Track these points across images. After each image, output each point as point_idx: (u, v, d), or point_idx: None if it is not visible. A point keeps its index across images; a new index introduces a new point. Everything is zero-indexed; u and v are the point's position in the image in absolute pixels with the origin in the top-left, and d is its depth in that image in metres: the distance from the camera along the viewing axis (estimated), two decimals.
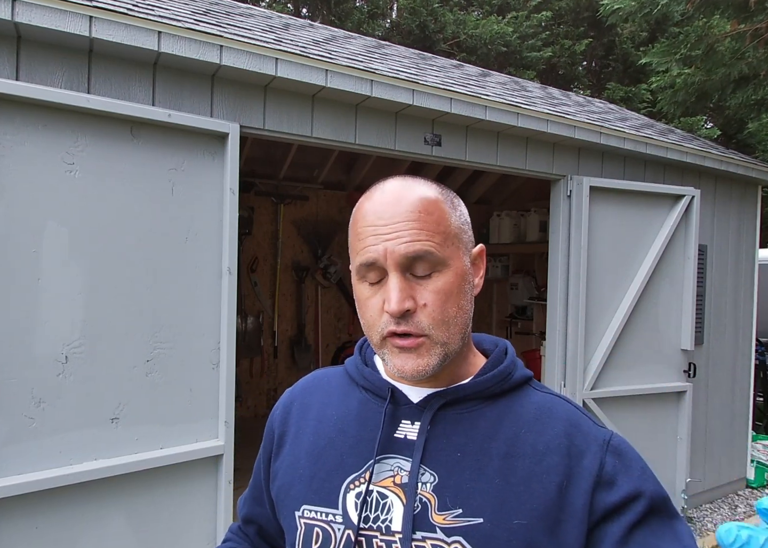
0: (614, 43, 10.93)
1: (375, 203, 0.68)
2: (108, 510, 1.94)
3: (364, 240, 0.67)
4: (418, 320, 0.65)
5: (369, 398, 0.75)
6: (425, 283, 0.66)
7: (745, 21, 5.08)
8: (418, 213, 0.66)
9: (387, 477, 0.69)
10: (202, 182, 2.12)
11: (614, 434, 0.70)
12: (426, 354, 0.66)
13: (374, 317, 0.68)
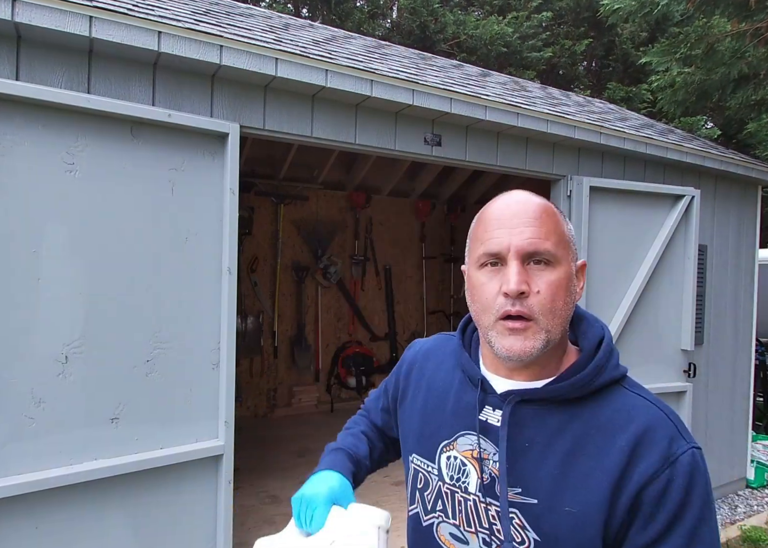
0: (614, 43, 10.93)
1: (503, 204, 0.81)
2: (108, 510, 1.94)
3: (491, 232, 0.79)
4: (531, 304, 0.75)
5: (465, 380, 0.89)
6: (540, 274, 0.76)
7: (745, 20, 5.08)
8: (540, 215, 0.78)
9: (468, 450, 0.84)
10: (202, 182, 2.12)
11: (694, 453, 0.75)
12: (532, 338, 0.75)
13: (489, 300, 0.77)
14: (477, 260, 0.80)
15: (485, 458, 0.81)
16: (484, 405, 0.84)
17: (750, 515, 4.04)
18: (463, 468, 0.84)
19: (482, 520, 0.81)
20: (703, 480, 0.73)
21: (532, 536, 0.75)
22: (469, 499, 0.82)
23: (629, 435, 0.74)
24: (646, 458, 0.72)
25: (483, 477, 0.81)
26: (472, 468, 0.83)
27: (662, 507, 0.70)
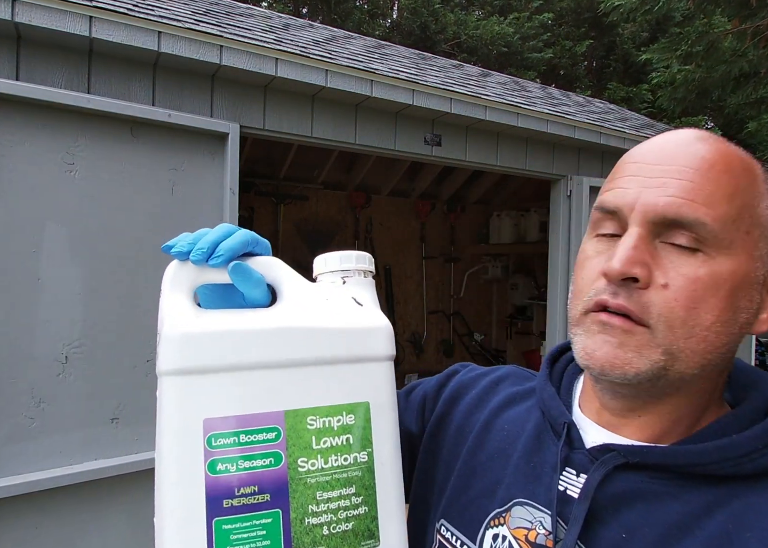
0: (615, 43, 10.94)
1: (657, 141, 0.49)
2: (108, 510, 1.94)
3: (618, 180, 0.49)
4: (647, 300, 0.45)
5: (544, 425, 0.57)
6: (681, 261, 0.45)
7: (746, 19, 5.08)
8: (710, 165, 0.45)
9: (522, 527, 0.52)
10: (202, 182, 2.12)
11: None
12: (634, 349, 0.45)
13: (586, 281, 0.49)
14: (592, 222, 0.52)
15: (548, 545, 0.49)
16: (565, 465, 0.52)
17: None
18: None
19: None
20: None
21: None
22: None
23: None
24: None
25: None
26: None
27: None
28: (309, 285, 0.54)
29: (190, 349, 0.47)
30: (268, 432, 0.48)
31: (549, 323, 3.33)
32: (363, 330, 0.52)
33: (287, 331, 0.50)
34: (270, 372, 0.49)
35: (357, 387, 0.51)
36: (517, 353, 5.61)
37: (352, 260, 0.56)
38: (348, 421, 0.50)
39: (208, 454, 0.46)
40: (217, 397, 0.47)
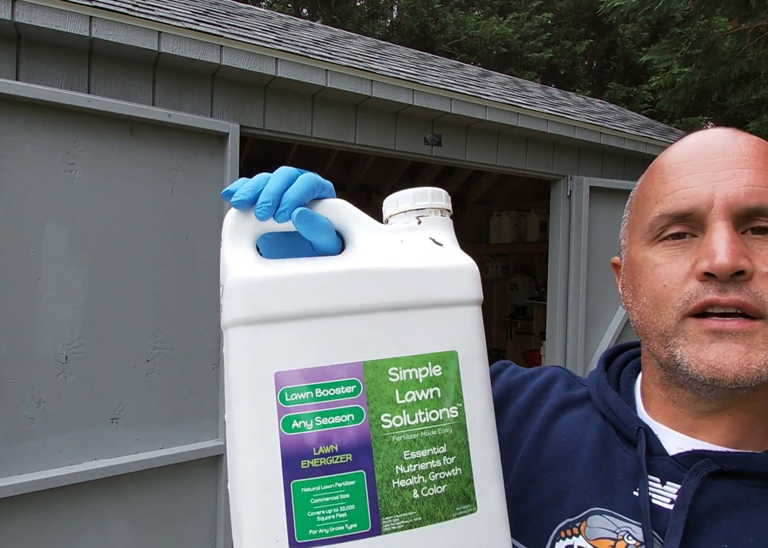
0: (615, 43, 10.94)
1: (696, 142, 0.48)
2: (108, 510, 1.94)
3: (676, 181, 0.47)
4: (758, 291, 0.43)
5: (610, 431, 0.54)
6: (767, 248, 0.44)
7: (745, 19, 5.08)
8: (764, 154, 0.46)
9: (605, 538, 0.48)
10: (202, 182, 2.12)
11: None
12: (763, 348, 0.42)
13: (670, 288, 0.46)
14: (648, 231, 0.49)
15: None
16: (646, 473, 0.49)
17: None
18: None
19: None
20: None
21: None
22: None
23: None
24: None
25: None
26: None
27: None
28: (380, 228, 0.48)
29: (257, 297, 0.42)
30: (347, 385, 0.43)
31: (549, 323, 3.33)
32: (446, 270, 0.47)
33: (362, 274, 0.44)
34: (345, 320, 0.44)
35: (443, 335, 0.45)
36: (516, 353, 5.61)
37: (427, 197, 0.49)
38: (435, 372, 0.45)
39: (282, 410, 0.41)
40: (288, 348, 0.43)
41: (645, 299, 0.48)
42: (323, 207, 0.47)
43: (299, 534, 0.40)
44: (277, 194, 0.43)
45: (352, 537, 0.40)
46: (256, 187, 0.43)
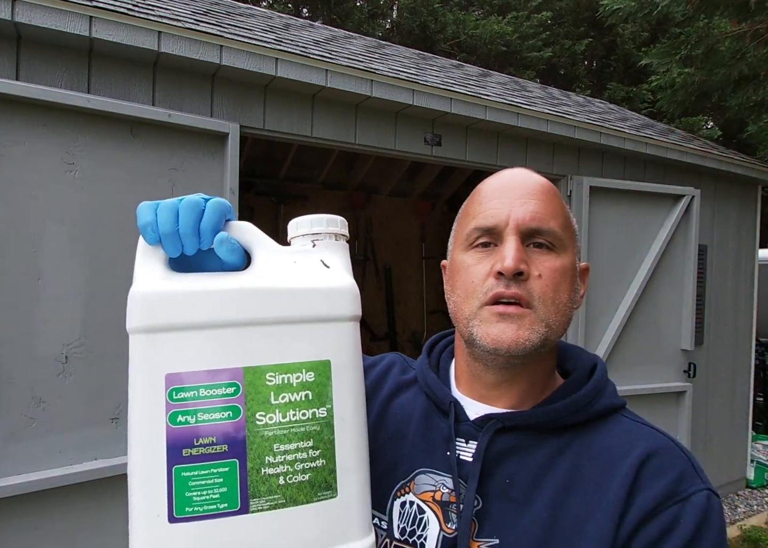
0: (615, 43, 10.94)
1: (504, 177, 0.66)
2: (108, 510, 1.94)
3: (486, 204, 0.63)
4: (530, 287, 0.60)
5: (430, 406, 0.70)
6: (544, 258, 0.61)
7: (745, 21, 5.08)
8: (546, 192, 0.64)
9: (427, 491, 0.64)
10: (202, 182, 2.12)
11: (711, 496, 0.57)
12: (528, 328, 0.59)
13: (476, 283, 0.62)
14: (465, 240, 0.64)
15: (452, 501, 0.62)
16: (456, 436, 0.65)
17: (750, 515, 4.04)
18: (420, 517, 0.63)
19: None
20: (720, 529, 0.55)
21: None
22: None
23: (632, 459, 0.58)
24: (650, 488, 0.56)
25: (447, 528, 0.61)
26: (432, 515, 0.63)
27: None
28: (279, 249, 0.56)
29: (154, 308, 0.49)
30: (228, 387, 0.49)
31: None
32: (325, 290, 0.54)
33: (249, 291, 0.51)
34: (230, 330, 0.50)
35: (318, 346, 0.53)
36: None
37: (323, 223, 0.56)
38: (308, 378, 0.52)
39: (170, 407, 0.48)
40: (179, 353, 0.49)
41: (459, 291, 0.64)
42: (233, 230, 0.55)
43: (177, 511, 0.47)
44: (194, 230, 0.51)
45: (223, 515, 0.48)
46: (167, 223, 0.51)
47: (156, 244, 0.52)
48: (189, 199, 0.52)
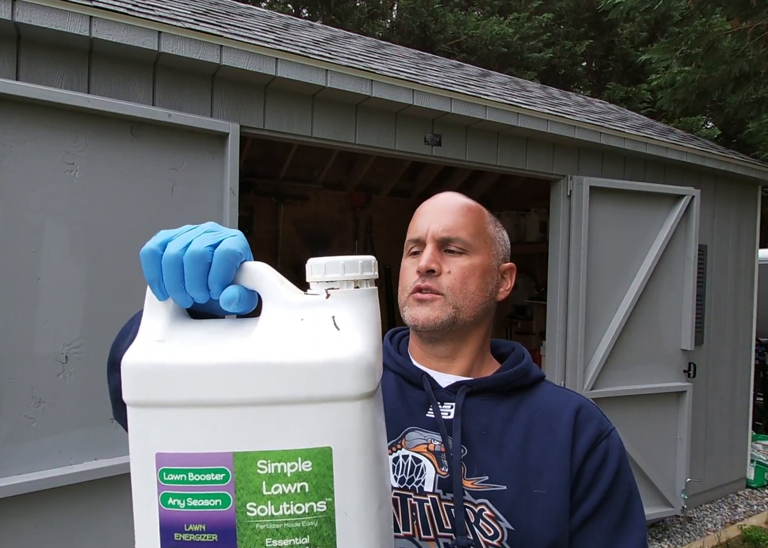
0: (614, 43, 10.93)
1: (433, 200, 0.87)
2: (108, 510, 1.94)
3: (415, 222, 0.85)
4: (440, 281, 0.80)
5: (401, 380, 0.85)
6: (455, 259, 0.81)
7: (745, 19, 5.08)
8: (460, 209, 0.84)
9: (421, 444, 0.78)
10: (202, 182, 2.12)
11: (617, 432, 0.82)
12: (438, 309, 0.79)
13: (407, 278, 0.83)
14: (405, 249, 0.86)
15: (443, 451, 0.77)
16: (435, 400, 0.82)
17: (750, 515, 4.04)
18: (417, 466, 0.77)
19: (443, 522, 0.74)
20: (626, 455, 0.81)
21: (505, 525, 0.72)
22: (426, 500, 0.75)
23: (569, 411, 0.80)
24: (585, 430, 0.79)
25: (442, 471, 0.75)
26: (428, 463, 0.77)
27: (602, 475, 0.76)
28: (290, 300, 0.48)
29: (143, 382, 0.46)
30: (216, 473, 0.45)
31: (549, 323, 3.33)
32: (324, 365, 0.46)
33: (240, 367, 0.46)
34: (222, 411, 0.46)
35: (317, 431, 0.46)
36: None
37: (338, 268, 0.49)
38: (304, 468, 0.46)
39: (161, 487, 0.45)
40: (168, 432, 0.46)
41: (401, 286, 0.85)
42: (245, 274, 0.48)
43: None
44: (200, 288, 0.47)
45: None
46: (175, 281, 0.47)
47: (165, 299, 0.48)
48: (193, 250, 0.47)
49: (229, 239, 0.48)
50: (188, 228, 0.50)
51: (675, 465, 3.59)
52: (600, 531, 0.75)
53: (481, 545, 0.72)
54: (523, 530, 0.72)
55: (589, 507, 0.75)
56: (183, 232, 0.49)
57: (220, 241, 0.47)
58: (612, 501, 0.76)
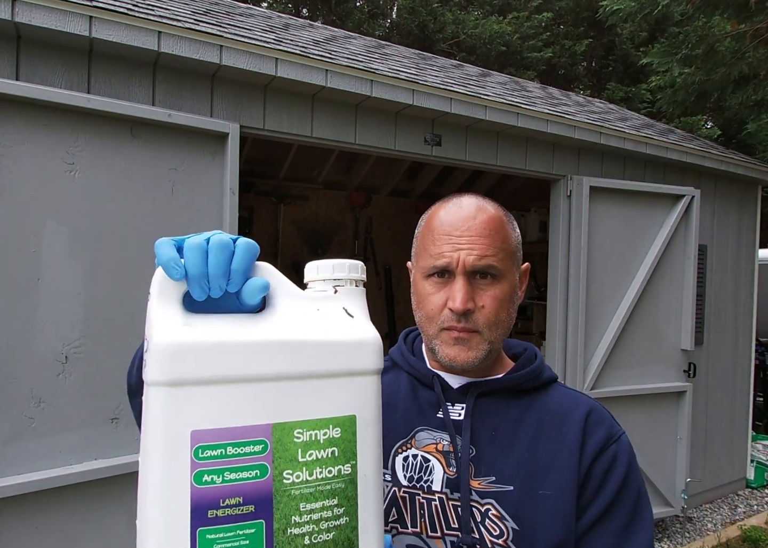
0: (614, 43, 10.94)
1: (452, 214, 0.80)
2: (108, 510, 1.94)
3: (440, 246, 0.79)
4: (476, 319, 0.77)
5: (414, 381, 0.87)
6: (486, 289, 0.78)
7: (745, 21, 5.08)
8: (489, 230, 0.78)
9: (430, 444, 0.79)
10: (202, 182, 2.12)
11: (626, 436, 0.82)
12: (476, 348, 0.78)
13: (435, 311, 0.79)
14: (424, 270, 0.80)
15: (451, 450, 0.78)
16: (444, 401, 0.83)
17: (750, 515, 4.04)
18: (426, 465, 0.78)
19: (450, 520, 0.75)
20: (635, 459, 0.80)
21: (511, 525, 0.73)
22: (434, 499, 0.76)
23: (579, 413, 0.80)
24: (595, 433, 0.78)
25: (450, 471, 0.76)
26: (436, 462, 0.78)
27: (611, 479, 0.76)
28: (300, 294, 0.54)
29: (180, 361, 0.46)
30: (255, 444, 0.48)
31: (549, 323, 3.33)
32: (351, 343, 0.53)
33: (276, 344, 0.50)
34: (258, 385, 0.49)
35: (344, 401, 0.52)
36: None
37: (345, 269, 0.56)
38: (334, 434, 0.51)
39: (195, 465, 0.46)
40: (205, 409, 0.47)
41: (422, 312, 0.81)
42: (258, 272, 0.53)
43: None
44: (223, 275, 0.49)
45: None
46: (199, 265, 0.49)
47: (181, 279, 0.49)
48: (218, 238, 0.50)
49: (244, 238, 0.52)
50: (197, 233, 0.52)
51: (675, 465, 3.59)
52: (608, 534, 0.75)
53: (486, 544, 0.73)
54: (528, 530, 0.72)
55: (598, 510, 0.75)
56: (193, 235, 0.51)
57: (236, 237, 0.52)
58: (621, 504, 0.75)
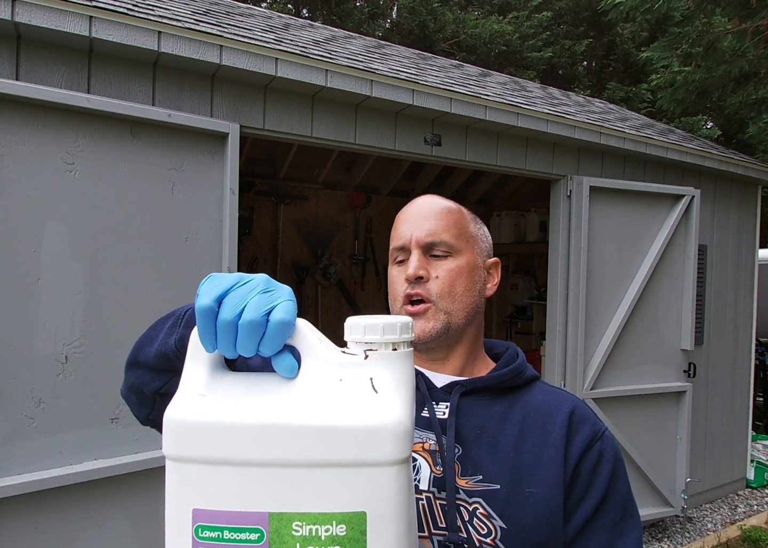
0: (614, 43, 10.94)
1: (412, 205, 0.88)
2: (108, 510, 1.94)
3: (398, 230, 0.86)
4: (429, 287, 0.81)
5: None
6: (441, 263, 0.82)
7: (746, 19, 5.08)
8: (440, 212, 0.85)
9: (416, 443, 0.79)
10: (202, 182, 2.12)
11: (607, 429, 0.83)
12: (432, 319, 0.80)
13: (396, 288, 0.84)
14: (390, 257, 0.87)
15: (437, 449, 0.77)
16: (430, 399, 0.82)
17: (750, 515, 4.04)
18: (413, 464, 0.78)
19: (438, 520, 0.74)
20: (621, 454, 0.82)
21: (498, 524, 0.73)
22: (420, 499, 0.75)
23: (564, 411, 0.80)
24: (580, 431, 0.79)
25: (437, 470, 0.76)
26: (423, 461, 0.77)
27: (599, 476, 0.77)
28: (329, 358, 0.49)
29: (183, 438, 0.46)
30: (252, 532, 0.46)
31: (549, 323, 3.33)
32: (363, 429, 0.46)
33: (280, 428, 0.46)
34: (260, 470, 0.46)
35: (352, 495, 0.46)
36: None
37: (377, 330, 0.49)
38: (338, 532, 0.46)
39: (196, 543, 0.46)
40: (206, 488, 0.46)
41: (391, 296, 0.86)
42: (293, 336, 0.50)
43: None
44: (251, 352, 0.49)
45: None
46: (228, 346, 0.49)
47: (213, 352, 0.50)
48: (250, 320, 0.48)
49: (283, 305, 0.49)
50: (243, 280, 0.51)
51: (675, 465, 3.59)
52: (601, 531, 0.75)
53: (474, 543, 0.73)
54: (516, 528, 0.73)
55: (589, 508, 0.75)
56: (237, 285, 0.50)
57: (273, 307, 0.49)
58: (611, 501, 0.76)
